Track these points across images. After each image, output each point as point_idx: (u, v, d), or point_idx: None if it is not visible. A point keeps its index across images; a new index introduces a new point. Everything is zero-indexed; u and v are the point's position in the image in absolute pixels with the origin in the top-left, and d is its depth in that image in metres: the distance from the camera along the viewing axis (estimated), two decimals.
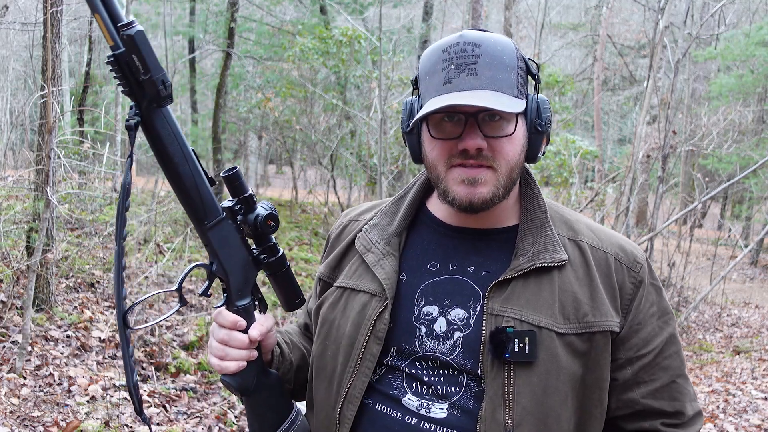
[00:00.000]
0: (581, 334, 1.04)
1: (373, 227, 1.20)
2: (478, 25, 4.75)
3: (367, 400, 1.11)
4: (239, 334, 1.07)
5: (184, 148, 0.99)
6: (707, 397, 5.34)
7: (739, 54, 11.79)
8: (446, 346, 1.07)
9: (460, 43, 1.04)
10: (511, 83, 1.04)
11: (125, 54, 0.91)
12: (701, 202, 5.88)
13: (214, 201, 1.03)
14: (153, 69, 0.91)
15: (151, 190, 8.11)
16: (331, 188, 10.88)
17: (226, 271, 1.06)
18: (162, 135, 0.97)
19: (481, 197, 1.05)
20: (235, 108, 11.28)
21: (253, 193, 1.06)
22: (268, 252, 1.10)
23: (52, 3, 3.77)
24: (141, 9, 11.86)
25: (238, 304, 1.08)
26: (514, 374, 1.02)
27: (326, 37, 8.66)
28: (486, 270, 1.10)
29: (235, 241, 1.06)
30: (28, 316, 3.79)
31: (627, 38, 16.24)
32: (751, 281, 12.29)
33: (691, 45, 8.85)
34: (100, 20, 0.91)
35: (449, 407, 1.05)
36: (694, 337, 7.70)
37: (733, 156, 11.79)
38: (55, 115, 3.91)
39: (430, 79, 1.06)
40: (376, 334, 1.10)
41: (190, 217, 1.04)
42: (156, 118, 0.96)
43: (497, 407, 1.01)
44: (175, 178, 1.00)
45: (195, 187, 1.01)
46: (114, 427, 3.42)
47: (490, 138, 1.04)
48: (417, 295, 1.12)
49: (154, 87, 0.92)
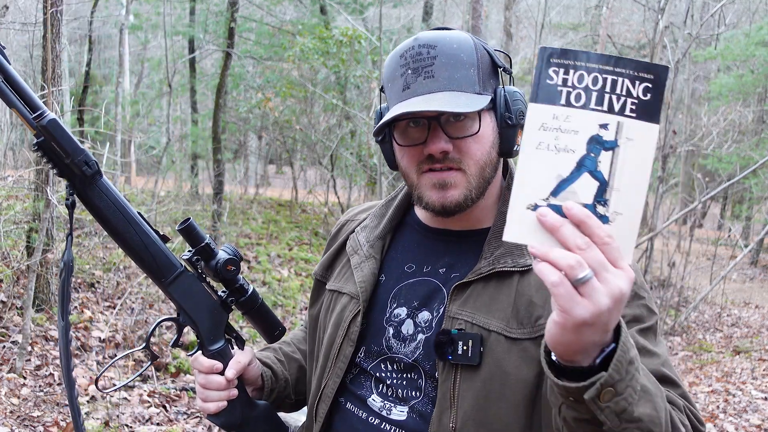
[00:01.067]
0: (535, 338, 0.99)
1: (363, 229, 1.21)
2: (478, 26, 4.74)
3: (341, 399, 1.14)
4: (216, 377, 1.11)
5: (126, 215, 1.03)
6: (707, 397, 5.33)
7: (739, 54, 11.78)
8: (410, 348, 1.08)
9: (415, 47, 1.02)
10: (472, 80, 1.02)
11: (45, 141, 0.95)
12: (701, 202, 5.88)
13: (169, 257, 1.07)
14: (72, 152, 0.96)
15: (151, 190, 8.11)
16: (331, 188, 10.89)
17: (194, 320, 1.10)
18: (100, 207, 1.01)
19: (453, 200, 1.04)
20: (235, 108, 11.27)
21: (210, 241, 1.09)
22: (236, 293, 1.13)
23: (52, 3, 3.77)
24: (141, 9, 11.85)
25: (212, 348, 1.12)
26: (460, 378, 1.00)
27: (326, 37, 8.66)
28: (455, 272, 1.09)
29: (198, 290, 1.10)
30: (28, 316, 3.79)
31: (627, 38, 16.23)
32: (751, 281, 12.29)
33: (691, 45, 8.85)
34: (17, 113, 0.95)
35: (409, 410, 1.06)
36: (694, 337, 7.70)
37: (733, 156, 11.78)
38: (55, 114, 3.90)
39: (391, 86, 1.06)
40: (350, 336, 1.12)
41: (149, 276, 1.08)
42: (91, 193, 1.00)
43: (444, 410, 1.00)
44: (123, 244, 1.04)
45: (145, 248, 1.04)
46: (114, 427, 3.42)
47: (455, 139, 1.02)
48: (391, 297, 1.13)
49: (78, 169, 0.97)
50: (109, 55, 17.64)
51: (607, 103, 0.75)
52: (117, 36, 13.24)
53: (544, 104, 0.76)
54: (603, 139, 0.75)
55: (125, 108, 11.34)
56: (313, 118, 10.72)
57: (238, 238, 8.25)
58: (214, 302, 1.12)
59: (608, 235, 0.71)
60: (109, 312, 4.93)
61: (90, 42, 11.39)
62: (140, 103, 11.93)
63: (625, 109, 0.75)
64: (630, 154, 0.75)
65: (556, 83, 0.75)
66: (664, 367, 0.97)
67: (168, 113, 9.61)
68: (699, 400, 5.22)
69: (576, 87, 0.75)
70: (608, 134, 0.75)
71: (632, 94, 0.75)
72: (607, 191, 0.75)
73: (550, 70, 0.76)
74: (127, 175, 10.84)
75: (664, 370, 0.96)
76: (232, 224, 8.60)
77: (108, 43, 17.46)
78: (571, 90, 0.75)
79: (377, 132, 1.05)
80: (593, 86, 0.75)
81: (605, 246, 0.70)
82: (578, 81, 0.75)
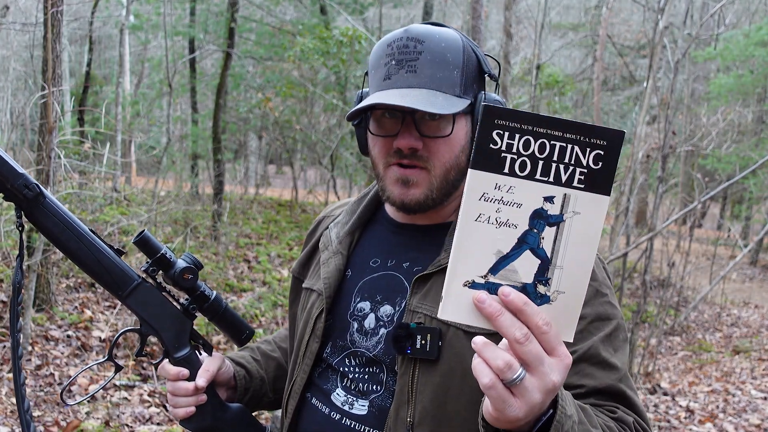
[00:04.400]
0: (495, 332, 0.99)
1: (335, 225, 1.22)
2: (479, 26, 4.74)
3: (308, 394, 1.15)
4: (183, 384, 1.12)
5: (76, 232, 1.04)
6: (707, 396, 5.34)
7: (739, 54, 11.79)
8: (372, 342, 1.08)
9: (403, 39, 1.01)
10: (453, 82, 1.01)
11: None
12: (701, 202, 5.88)
13: (124, 270, 1.08)
14: (11, 177, 0.97)
15: (152, 190, 8.11)
16: (331, 188, 10.89)
17: (156, 329, 1.12)
18: (49, 227, 1.02)
19: (414, 198, 1.04)
20: (235, 108, 11.28)
21: (167, 251, 1.11)
22: (198, 300, 1.14)
23: (53, 3, 3.77)
24: (141, 9, 11.85)
25: (177, 356, 1.13)
26: (419, 372, 1.00)
27: (326, 37, 8.66)
28: (418, 266, 1.09)
29: (158, 300, 1.12)
30: (28, 316, 3.80)
31: (627, 38, 16.23)
32: (751, 281, 12.30)
33: (691, 45, 8.85)
34: None
35: (369, 405, 1.07)
36: (694, 337, 7.70)
37: (733, 156, 11.79)
38: (55, 115, 3.91)
39: (374, 73, 1.05)
40: (316, 333, 1.13)
41: (106, 290, 1.11)
42: (39, 214, 1.01)
43: (402, 405, 1.00)
44: (76, 261, 1.06)
45: (98, 264, 1.06)
46: (114, 427, 3.42)
47: (426, 138, 1.01)
48: (355, 292, 1.13)
49: (19, 192, 0.98)
50: (110, 55, 17.65)
51: (553, 173, 0.69)
52: (117, 36, 13.25)
53: (486, 172, 0.69)
54: (547, 213, 0.69)
55: (125, 108, 11.34)
56: (313, 118, 10.72)
57: (238, 238, 8.26)
58: (176, 310, 1.13)
59: (546, 323, 0.68)
60: (109, 312, 4.94)
61: (90, 42, 11.39)
62: (140, 103, 11.93)
63: (573, 179, 0.69)
64: (576, 229, 0.69)
65: (500, 148, 0.68)
66: (621, 381, 0.97)
67: (168, 113, 9.61)
68: (699, 400, 5.23)
69: (521, 154, 0.68)
70: (553, 208, 0.69)
71: (581, 162, 0.68)
72: (549, 269, 0.70)
73: (494, 133, 0.68)
74: (128, 175, 10.84)
75: (620, 385, 0.96)
76: (232, 224, 8.61)
77: (108, 44, 17.46)
78: (516, 157, 0.69)
79: (352, 116, 1.05)
80: (540, 153, 0.69)
81: (543, 336, 0.68)
82: (524, 147, 0.68)
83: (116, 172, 8.18)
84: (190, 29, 10.45)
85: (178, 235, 6.82)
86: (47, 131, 3.79)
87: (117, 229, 5.90)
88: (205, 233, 7.88)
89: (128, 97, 11.81)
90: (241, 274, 6.97)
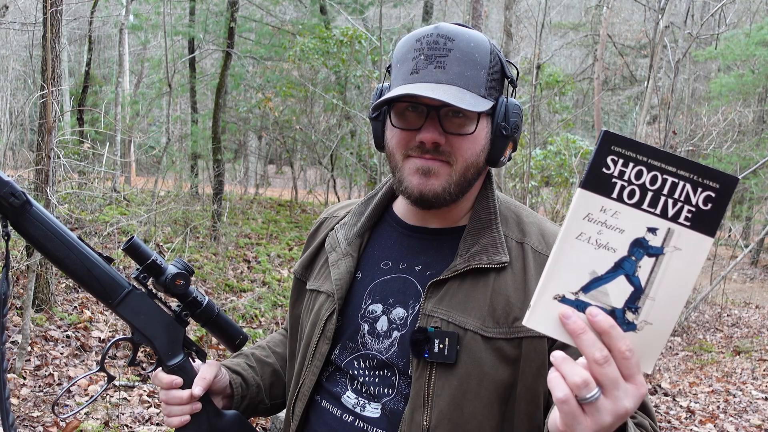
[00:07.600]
0: (511, 339, 0.99)
1: (342, 226, 1.21)
2: (479, 25, 4.74)
3: (317, 397, 1.14)
4: (177, 392, 1.11)
5: (64, 240, 1.02)
6: (707, 397, 5.33)
7: (740, 54, 11.79)
8: (384, 345, 1.08)
9: (433, 35, 1.02)
10: (480, 82, 1.02)
11: None
12: None
13: (114, 278, 1.06)
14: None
15: (151, 190, 8.10)
16: (331, 188, 10.89)
17: (148, 337, 1.10)
18: (36, 236, 1.00)
19: (433, 189, 1.03)
20: (235, 108, 11.28)
21: (157, 257, 1.09)
22: (191, 306, 1.12)
23: (52, 3, 3.76)
24: (141, 9, 11.85)
25: (171, 364, 1.11)
26: (435, 376, 1.00)
27: (326, 37, 8.66)
28: (431, 270, 1.09)
29: (150, 307, 1.10)
30: (28, 316, 3.79)
31: (627, 38, 16.23)
32: (752, 281, 12.29)
33: (692, 45, 8.84)
34: None
35: (382, 408, 1.06)
36: (695, 337, 7.70)
37: (733, 156, 11.79)
38: (54, 115, 3.90)
39: (400, 66, 1.05)
40: (326, 334, 1.12)
41: (96, 299, 1.08)
42: (26, 223, 1.00)
43: (417, 408, 1.00)
44: (65, 269, 1.04)
45: (87, 272, 1.04)
46: (114, 427, 3.41)
47: (449, 134, 1.02)
48: (366, 294, 1.13)
49: (5, 201, 0.96)
50: (109, 55, 17.64)
51: (661, 206, 0.70)
52: (117, 36, 13.24)
53: (595, 194, 0.70)
54: (648, 243, 0.70)
55: (125, 108, 11.33)
56: (313, 118, 10.72)
57: (238, 238, 8.25)
58: (169, 317, 1.11)
59: (629, 349, 0.68)
60: (108, 312, 4.93)
61: (90, 42, 11.38)
62: (140, 103, 11.93)
63: (680, 216, 0.70)
64: (674, 265, 0.70)
65: (612, 173, 0.70)
66: None
67: (168, 113, 9.61)
68: (699, 401, 5.22)
69: (632, 182, 0.69)
70: (655, 240, 0.70)
71: (691, 201, 0.69)
72: (641, 298, 0.70)
73: (609, 159, 0.69)
74: (127, 175, 10.84)
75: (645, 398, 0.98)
76: (232, 224, 8.60)
77: (108, 43, 17.46)
78: (626, 184, 0.69)
79: (376, 107, 1.05)
80: (650, 185, 0.69)
81: (624, 361, 0.68)
82: (636, 176, 0.69)
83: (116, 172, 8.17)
84: (190, 29, 10.44)
85: (177, 235, 6.81)
86: (46, 131, 3.78)
87: (116, 229, 5.89)
88: (204, 233, 7.87)
89: (128, 97, 11.80)
90: (241, 274, 6.96)
